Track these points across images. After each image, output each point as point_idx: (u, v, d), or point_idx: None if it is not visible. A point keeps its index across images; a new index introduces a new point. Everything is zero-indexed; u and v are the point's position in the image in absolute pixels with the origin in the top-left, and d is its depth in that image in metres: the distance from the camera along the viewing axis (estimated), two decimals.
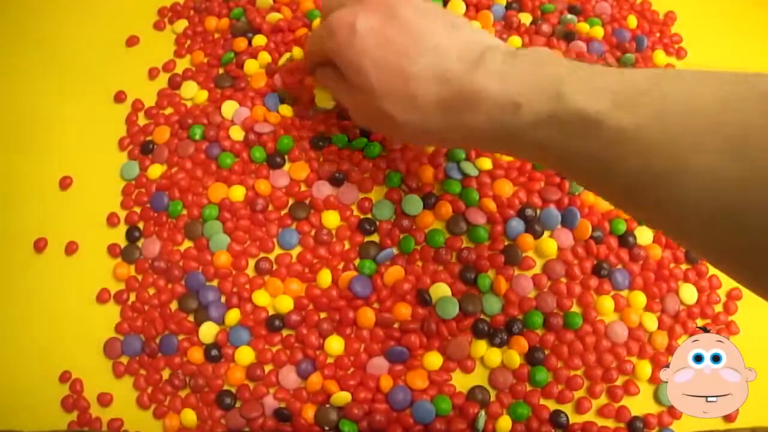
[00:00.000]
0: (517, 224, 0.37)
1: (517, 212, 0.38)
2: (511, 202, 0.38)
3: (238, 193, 0.38)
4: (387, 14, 0.31)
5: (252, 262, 0.37)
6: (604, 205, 0.38)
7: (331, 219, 0.38)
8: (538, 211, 0.38)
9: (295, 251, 0.37)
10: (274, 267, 0.37)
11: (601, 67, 0.27)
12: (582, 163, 0.26)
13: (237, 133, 0.40)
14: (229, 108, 0.41)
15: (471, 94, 0.28)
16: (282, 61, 0.42)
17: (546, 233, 0.38)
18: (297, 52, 0.42)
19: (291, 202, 0.38)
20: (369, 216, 0.38)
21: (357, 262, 0.37)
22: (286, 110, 0.40)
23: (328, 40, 0.33)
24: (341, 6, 0.33)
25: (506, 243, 0.37)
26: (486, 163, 0.39)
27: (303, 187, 0.39)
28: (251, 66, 0.42)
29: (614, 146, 0.25)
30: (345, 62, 0.32)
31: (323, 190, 0.38)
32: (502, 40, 0.31)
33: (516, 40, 0.43)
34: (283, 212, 0.38)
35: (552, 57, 0.28)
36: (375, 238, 0.38)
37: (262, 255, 0.37)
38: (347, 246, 0.37)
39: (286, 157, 0.39)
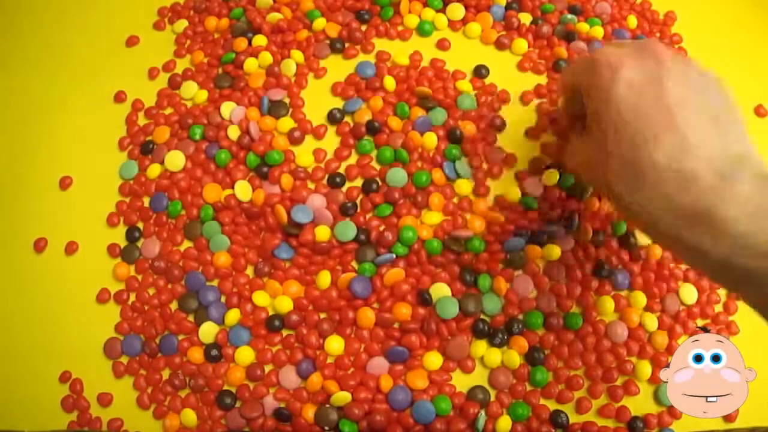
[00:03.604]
0: (518, 242, 0.37)
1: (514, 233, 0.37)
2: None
3: (234, 193, 0.38)
4: (653, 75, 0.28)
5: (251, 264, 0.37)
6: (606, 209, 0.38)
7: (322, 233, 0.37)
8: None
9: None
10: (272, 271, 0.37)
11: None
12: None
13: (234, 133, 0.40)
14: (228, 108, 0.41)
15: (711, 219, 0.25)
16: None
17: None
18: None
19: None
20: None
21: (355, 264, 0.37)
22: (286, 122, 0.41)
23: (587, 74, 0.30)
24: (618, 49, 0.31)
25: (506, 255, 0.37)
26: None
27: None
28: (251, 66, 0.42)
29: None
30: (593, 106, 0.30)
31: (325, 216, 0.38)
32: (753, 149, 0.27)
33: (520, 42, 0.43)
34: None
35: None
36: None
37: (260, 260, 0.37)
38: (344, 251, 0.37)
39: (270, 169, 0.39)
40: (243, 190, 0.38)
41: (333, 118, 0.41)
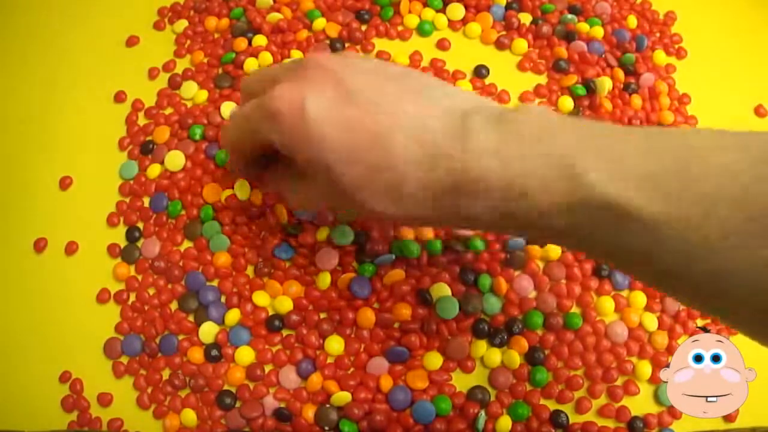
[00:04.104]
0: (518, 242, 0.37)
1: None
2: None
3: (234, 193, 0.38)
4: (338, 87, 0.25)
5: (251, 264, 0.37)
6: None
7: (322, 234, 0.37)
8: None
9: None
10: (272, 271, 0.37)
11: (606, 131, 0.23)
12: (608, 251, 0.24)
13: None
14: (228, 108, 0.41)
15: (465, 182, 0.24)
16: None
17: None
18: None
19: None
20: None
21: (355, 265, 0.37)
22: None
23: (268, 127, 0.26)
24: (273, 81, 0.27)
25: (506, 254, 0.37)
26: None
27: None
28: (251, 66, 0.42)
29: (647, 239, 0.22)
30: (301, 157, 0.26)
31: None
32: (475, 92, 0.27)
33: (520, 42, 0.43)
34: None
35: (547, 121, 0.24)
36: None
37: (260, 260, 0.37)
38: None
39: None
40: (243, 190, 0.38)
41: None
